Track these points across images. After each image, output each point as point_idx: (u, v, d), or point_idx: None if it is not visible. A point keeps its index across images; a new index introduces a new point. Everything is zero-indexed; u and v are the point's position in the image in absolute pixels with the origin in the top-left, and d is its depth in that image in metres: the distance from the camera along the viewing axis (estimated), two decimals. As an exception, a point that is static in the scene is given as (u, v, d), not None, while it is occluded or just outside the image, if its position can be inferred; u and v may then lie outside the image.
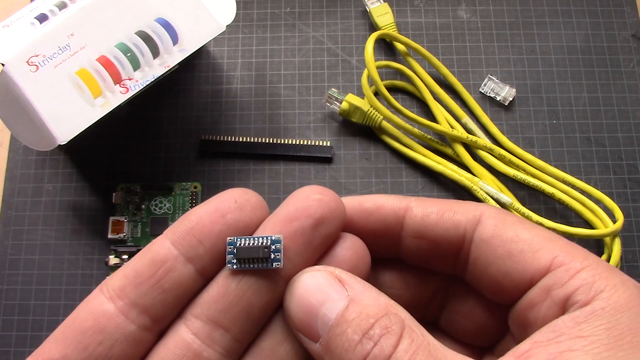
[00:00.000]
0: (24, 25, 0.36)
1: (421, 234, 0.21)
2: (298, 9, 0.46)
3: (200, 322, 0.18)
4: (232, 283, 0.18)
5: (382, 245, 0.21)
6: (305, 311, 0.17)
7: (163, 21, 0.37)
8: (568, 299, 0.17)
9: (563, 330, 0.16)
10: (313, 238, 0.18)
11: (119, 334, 0.17)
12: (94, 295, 0.18)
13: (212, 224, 0.18)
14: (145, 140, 0.43)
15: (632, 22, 0.46)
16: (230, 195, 0.19)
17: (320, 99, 0.44)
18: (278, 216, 0.19)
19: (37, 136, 0.35)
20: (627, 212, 0.41)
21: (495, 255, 0.19)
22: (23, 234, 0.41)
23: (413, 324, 0.17)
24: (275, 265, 0.18)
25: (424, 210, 0.21)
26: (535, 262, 0.18)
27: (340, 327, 0.17)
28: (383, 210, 0.21)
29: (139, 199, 0.41)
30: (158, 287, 0.17)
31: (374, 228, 0.21)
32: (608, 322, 0.16)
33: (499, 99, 0.44)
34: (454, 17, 0.46)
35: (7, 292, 0.40)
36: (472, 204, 0.21)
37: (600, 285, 0.17)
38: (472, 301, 0.21)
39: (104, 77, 0.35)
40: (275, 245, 0.18)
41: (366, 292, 0.18)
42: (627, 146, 0.43)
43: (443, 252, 0.21)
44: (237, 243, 0.18)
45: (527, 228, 0.19)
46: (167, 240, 0.18)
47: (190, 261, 0.18)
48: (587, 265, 0.18)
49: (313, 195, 0.19)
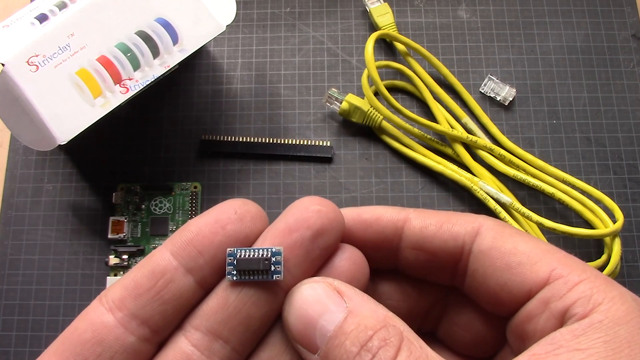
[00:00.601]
0: (24, 25, 0.36)
1: (420, 245, 0.21)
2: (298, 9, 0.46)
3: (200, 334, 0.18)
4: (231, 294, 0.18)
5: (381, 256, 0.21)
6: (304, 323, 0.17)
7: (163, 21, 0.37)
8: (566, 311, 0.17)
9: (561, 343, 0.16)
10: (312, 249, 0.18)
11: (119, 346, 0.17)
12: (93, 306, 0.18)
13: (212, 235, 0.18)
14: (145, 140, 0.43)
15: (632, 22, 0.46)
16: (230, 206, 0.18)
17: (320, 99, 0.44)
18: (277, 227, 0.18)
19: (37, 136, 0.35)
20: (627, 212, 0.41)
21: (494, 267, 0.19)
22: (23, 234, 0.41)
23: (411, 336, 0.17)
24: (275, 277, 0.18)
25: (423, 221, 0.21)
26: (534, 275, 0.18)
27: (338, 339, 0.17)
28: (382, 222, 0.21)
29: (139, 199, 0.41)
30: (158, 298, 0.17)
31: (372, 239, 0.21)
32: (606, 335, 0.16)
33: (499, 99, 0.44)
34: (454, 17, 0.46)
35: (7, 292, 0.40)
36: (470, 216, 0.21)
37: (599, 298, 0.17)
38: (470, 312, 0.21)
39: (104, 77, 0.35)
40: (276, 257, 0.18)
41: (364, 304, 0.18)
42: (627, 146, 0.43)
43: (441, 263, 0.21)
44: (237, 254, 0.18)
45: (526, 240, 0.19)
46: (167, 251, 0.18)
47: (190, 272, 0.18)
48: (585, 278, 0.18)
49: (312, 206, 0.19)
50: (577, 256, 0.42)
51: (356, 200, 0.42)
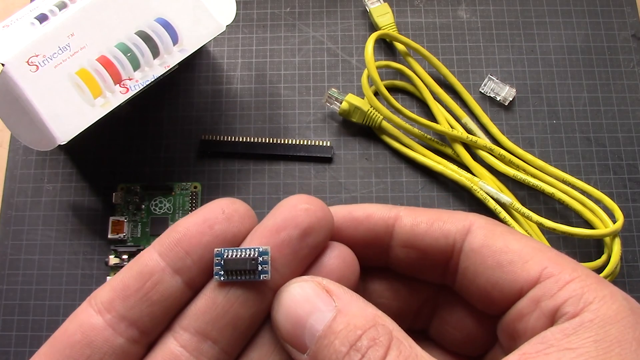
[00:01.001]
0: (24, 25, 0.36)
1: (410, 243, 0.20)
2: (298, 9, 0.46)
3: (189, 334, 0.17)
4: (219, 295, 0.18)
5: (372, 254, 0.21)
6: (293, 322, 0.17)
7: (163, 21, 0.37)
8: (557, 310, 0.17)
9: (552, 342, 0.16)
10: (300, 248, 0.18)
11: (108, 347, 0.17)
12: (82, 308, 0.18)
13: (199, 235, 0.18)
14: (145, 140, 0.43)
15: (632, 22, 0.46)
16: (217, 206, 0.18)
17: (320, 99, 0.44)
18: (265, 226, 0.18)
19: (37, 136, 0.35)
20: (627, 212, 0.41)
21: (485, 265, 0.19)
22: (23, 234, 0.41)
23: (401, 335, 0.17)
24: (262, 277, 0.18)
25: (414, 219, 0.21)
26: (525, 273, 0.18)
27: (327, 339, 0.17)
28: (372, 219, 0.21)
29: (139, 199, 0.41)
30: (146, 299, 0.17)
31: (363, 237, 0.21)
32: (596, 334, 0.16)
33: (499, 99, 0.44)
34: (454, 17, 0.46)
35: (7, 292, 0.40)
36: (461, 214, 0.21)
37: (589, 297, 0.17)
38: (461, 311, 0.21)
39: (104, 77, 0.35)
40: (263, 257, 0.18)
41: (354, 303, 0.18)
42: (627, 146, 0.43)
43: (432, 261, 0.21)
44: (224, 254, 0.18)
45: (517, 239, 0.19)
46: (154, 252, 0.18)
47: (178, 273, 0.18)
48: (576, 277, 0.18)
49: (300, 204, 0.19)
50: (577, 256, 0.42)
51: (356, 201, 0.42)
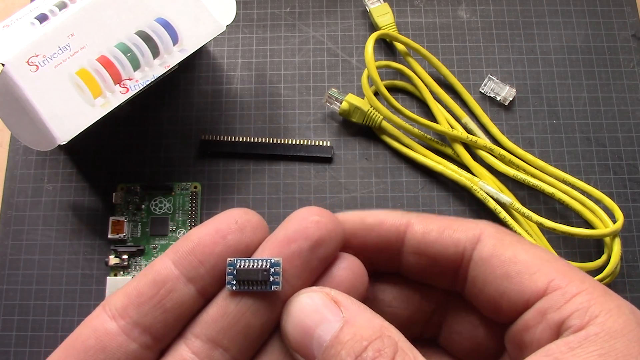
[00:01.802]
0: (24, 25, 0.36)
1: (421, 250, 0.21)
2: (298, 9, 0.46)
3: (200, 342, 0.18)
4: (231, 304, 0.18)
5: (383, 260, 0.21)
6: (302, 332, 0.18)
7: (163, 21, 0.37)
8: (563, 323, 0.17)
9: (557, 355, 0.16)
10: (311, 260, 0.19)
11: (121, 353, 0.17)
12: (96, 313, 0.18)
13: (213, 245, 0.18)
14: (145, 140, 0.43)
15: (632, 22, 0.46)
16: (231, 216, 0.19)
17: (320, 99, 0.44)
18: (277, 237, 0.19)
19: (37, 136, 0.35)
20: (627, 212, 0.41)
21: (494, 275, 0.19)
22: (23, 234, 0.41)
23: (406, 346, 0.17)
24: (274, 288, 0.18)
25: (425, 227, 0.21)
26: (532, 285, 0.18)
27: (334, 349, 0.17)
28: (384, 226, 0.21)
29: (139, 199, 0.41)
30: (160, 307, 0.18)
31: (375, 243, 0.21)
32: (602, 348, 0.16)
33: (499, 99, 0.44)
34: (454, 17, 0.46)
35: (7, 292, 0.40)
36: (472, 222, 0.21)
37: (595, 310, 0.17)
38: (471, 319, 0.22)
39: (104, 77, 0.35)
40: (275, 269, 0.18)
41: (361, 314, 0.18)
42: (627, 146, 0.43)
43: (443, 268, 0.21)
44: (236, 264, 0.18)
45: (526, 249, 0.19)
46: (168, 261, 0.18)
47: (191, 281, 0.18)
48: (583, 290, 0.18)
49: (311, 217, 0.19)
50: (577, 256, 0.42)
51: (356, 200, 0.42)
